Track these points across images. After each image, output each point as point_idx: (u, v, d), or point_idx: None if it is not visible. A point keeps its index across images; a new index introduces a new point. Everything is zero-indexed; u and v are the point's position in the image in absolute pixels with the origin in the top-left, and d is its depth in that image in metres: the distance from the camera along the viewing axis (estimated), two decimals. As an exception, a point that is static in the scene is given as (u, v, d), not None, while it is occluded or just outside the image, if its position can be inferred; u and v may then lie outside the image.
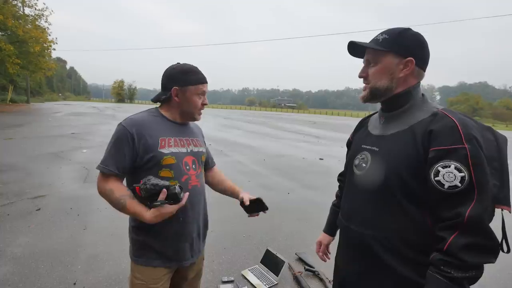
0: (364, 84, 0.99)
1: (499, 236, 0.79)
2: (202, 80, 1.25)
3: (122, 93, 70.48)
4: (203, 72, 1.27)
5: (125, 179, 1.23)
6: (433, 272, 0.77)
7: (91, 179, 4.96)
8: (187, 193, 1.12)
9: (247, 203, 1.40)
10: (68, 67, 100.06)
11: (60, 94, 65.32)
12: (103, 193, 1.16)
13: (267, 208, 1.40)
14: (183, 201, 1.09)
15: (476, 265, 0.73)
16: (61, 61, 76.68)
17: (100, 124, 13.97)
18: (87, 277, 2.30)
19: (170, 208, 1.07)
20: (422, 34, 0.93)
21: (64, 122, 13.97)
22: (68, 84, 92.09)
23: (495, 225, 0.79)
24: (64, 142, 8.30)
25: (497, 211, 0.81)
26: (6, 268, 2.35)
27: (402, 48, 0.90)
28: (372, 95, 0.96)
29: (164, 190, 1.04)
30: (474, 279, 0.74)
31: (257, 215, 1.44)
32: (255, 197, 1.42)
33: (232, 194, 1.51)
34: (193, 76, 1.23)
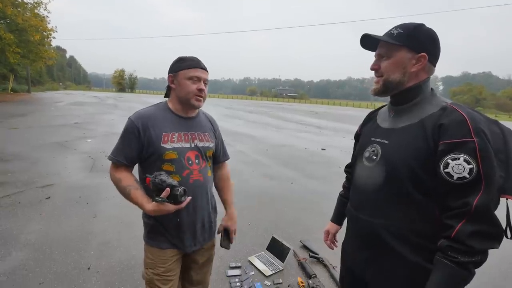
0: (376, 78, 1.01)
1: (503, 223, 0.83)
2: (194, 65, 1.26)
3: (123, 83, 70.06)
4: (202, 61, 1.31)
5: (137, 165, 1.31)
6: (441, 257, 0.82)
7: (97, 168, 5.04)
8: (189, 198, 1.16)
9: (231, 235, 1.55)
10: (67, 56, 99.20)
11: (60, 84, 64.98)
12: (113, 181, 1.26)
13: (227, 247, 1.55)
14: (183, 205, 1.14)
15: (482, 250, 0.78)
16: (60, 50, 75.85)
17: (102, 114, 13.98)
18: (100, 263, 2.39)
19: (169, 207, 1.12)
20: (426, 23, 0.95)
21: (66, 112, 13.99)
22: (68, 73, 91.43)
23: (499, 213, 0.83)
24: (68, 132, 8.36)
25: (502, 200, 0.86)
26: (22, 254, 2.45)
27: (416, 44, 0.93)
28: (385, 88, 0.98)
29: (168, 189, 1.08)
30: (479, 263, 0.79)
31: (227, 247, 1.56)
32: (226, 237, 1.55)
33: (224, 205, 1.59)
34: (184, 63, 1.27)
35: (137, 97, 37.29)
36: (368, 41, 1.02)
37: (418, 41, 0.93)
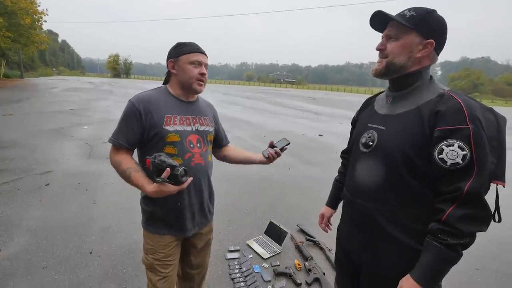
0: (379, 58, 0.99)
1: (492, 207, 0.87)
2: (195, 50, 1.27)
3: (118, 68, 68.75)
4: (200, 46, 1.30)
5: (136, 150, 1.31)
6: (431, 239, 0.85)
7: (95, 155, 5.04)
8: (191, 178, 1.15)
9: (279, 147, 1.50)
10: (60, 40, 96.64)
11: (54, 69, 63.65)
12: (113, 164, 1.25)
13: (289, 142, 1.53)
14: (184, 185, 1.12)
15: (471, 233, 0.82)
16: (52, 34, 73.96)
17: (98, 100, 13.82)
18: (102, 247, 2.44)
19: (170, 188, 1.11)
20: (427, 5, 0.94)
21: (61, 98, 13.79)
22: (61, 58, 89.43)
23: (488, 198, 0.87)
24: (64, 118, 8.28)
25: (493, 185, 0.89)
26: (25, 239, 2.49)
27: (426, 29, 0.92)
28: (387, 69, 0.98)
29: (168, 169, 1.07)
30: (467, 245, 0.83)
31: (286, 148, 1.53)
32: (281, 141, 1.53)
33: (254, 159, 1.58)
34: (185, 47, 1.27)
35: (132, 83, 36.74)
36: (378, 20, 0.99)
37: (428, 26, 0.92)
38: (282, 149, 1.51)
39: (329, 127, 9.76)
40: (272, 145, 1.52)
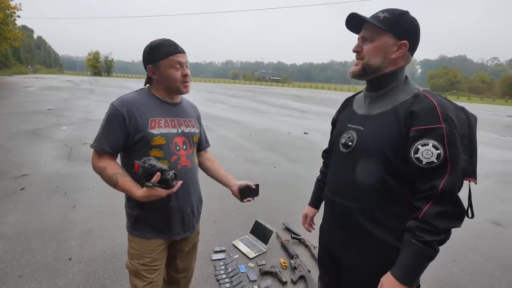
0: (356, 60, 1.01)
1: (465, 204, 0.90)
2: (173, 51, 1.20)
3: (98, 66, 66.61)
4: (182, 45, 1.25)
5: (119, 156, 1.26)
6: (409, 237, 0.88)
7: (75, 156, 4.87)
8: (180, 182, 1.15)
9: (254, 186, 1.49)
10: (35, 36, 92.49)
11: (29, 67, 60.85)
12: (97, 170, 1.20)
13: (257, 195, 1.52)
14: (175, 189, 1.13)
15: (446, 229, 0.85)
16: (27, 30, 70.49)
17: (78, 99, 13.35)
18: (83, 252, 2.36)
19: (160, 192, 1.11)
20: (407, 7, 0.96)
21: (38, 97, 13.21)
22: (37, 56, 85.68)
23: (461, 194, 0.90)
24: (41, 119, 7.94)
25: (465, 182, 0.92)
26: (-2, 247, 2.37)
27: (400, 31, 0.94)
28: (363, 71, 0.99)
29: (158, 173, 1.06)
30: (443, 241, 0.86)
31: (251, 200, 1.51)
32: (254, 183, 1.50)
33: (226, 182, 1.53)
34: (161, 50, 1.20)
35: (114, 81, 35.72)
36: (353, 22, 1.01)
37: (402, 28, 0.94)
38: (243, 196, 1.49)
39: (314, 125, 9.88)
40: (245, 190, 1.49)
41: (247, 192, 1.49)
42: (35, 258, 2.26)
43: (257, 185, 1.51)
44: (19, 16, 20.58)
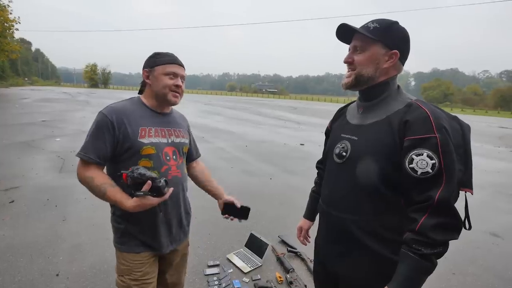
0: (348, 71, 1.00)
1: (462, 215, 0.87)
2: (170, 61, 1.23)
3: (96, 78, 66.85)
4: (179, 57, 1.28)
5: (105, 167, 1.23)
6: (406, 250, 0.84)
7: (67, 168, 4.79)
8: (171, 189, 1.12)
9: (238, 206, 1.45)
10: (33, 49, 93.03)
11: (26, 79, 60.86)
12: (83, 181, 1.15)
13: (246, 219, 1.46)
14: (166, 196, 1.09)
15: (443, 242, 0.82)
16: (25, 43, 71.01)
17: (73, 111, 13.28)
18: (70, 268, 2.27)
19: (152, 200, 1.07)
20: (400, 20, 0.96)
21: (33, 109, 13.14)
22: (34, 68, 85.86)
23: (458, 205, 0.87)
24: (35, 130, 7.86)
25: (461, 193, 0.90)
26: (-18, 263, 2.28)
27: (390, 40, 0.94)
28: (356, 82, 0.98)
29: (149, 181, 1.03)
30: (441, 255, 0.82)
31: (231, 218, 1.46)
32: (245, 205, 1.46)
33: (215, 193, 1.51)
34: (161, 58, 1.24)
35: (110, 93, 35.77)
36: (344, 32, 1.00)
37: (392, 38, 0.94)
38: (224, 212, 1.46)
39: (310, 136, 9.90)
40: (228, 206, 1.46)
41: (229, 209, 1.45)
42: (21, 274, 2.17)
43: (247, 209, 1.45)
44: (17, 29, 20.78)
